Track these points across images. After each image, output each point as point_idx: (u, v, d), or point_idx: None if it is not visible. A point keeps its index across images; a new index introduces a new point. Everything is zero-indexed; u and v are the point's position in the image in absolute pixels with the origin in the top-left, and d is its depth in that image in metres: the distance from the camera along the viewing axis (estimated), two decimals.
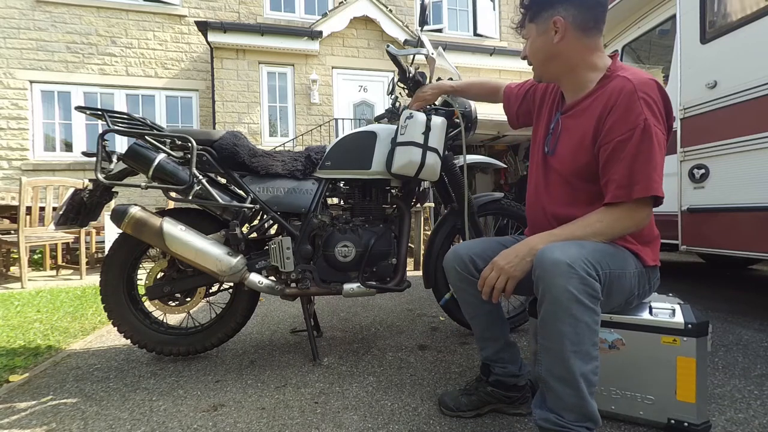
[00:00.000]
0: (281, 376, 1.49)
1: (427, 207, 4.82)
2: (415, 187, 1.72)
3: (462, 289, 1.17)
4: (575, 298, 0.84)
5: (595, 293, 0.86)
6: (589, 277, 0.85)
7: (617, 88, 0.95)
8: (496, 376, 1.18)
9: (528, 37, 1.08)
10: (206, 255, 1.47)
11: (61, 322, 2.29)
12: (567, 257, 0.85)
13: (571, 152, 1.05)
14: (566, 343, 0.85)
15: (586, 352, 0.86)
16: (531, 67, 1.12)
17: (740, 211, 1.98)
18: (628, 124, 0.92)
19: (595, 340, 0.87)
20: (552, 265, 0.86)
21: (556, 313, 0.86)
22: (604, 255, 0.93)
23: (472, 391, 1.20)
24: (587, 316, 0.85)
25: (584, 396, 0.85)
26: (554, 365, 0.88)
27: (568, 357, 0.85)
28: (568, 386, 0.86)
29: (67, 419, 1.22)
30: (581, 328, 0.85)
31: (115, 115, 1.48)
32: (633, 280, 1.01)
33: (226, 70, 6.41)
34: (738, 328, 1.90)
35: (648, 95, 0.92)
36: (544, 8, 1.02)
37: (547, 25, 1.02)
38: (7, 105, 6.23)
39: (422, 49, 1.56)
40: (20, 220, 3.38)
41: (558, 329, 0.86)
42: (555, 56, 1.04)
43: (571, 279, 0.84)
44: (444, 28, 7.98)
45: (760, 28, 1.89)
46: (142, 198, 6.15)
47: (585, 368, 0.85)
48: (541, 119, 1.20)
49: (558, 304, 0.85)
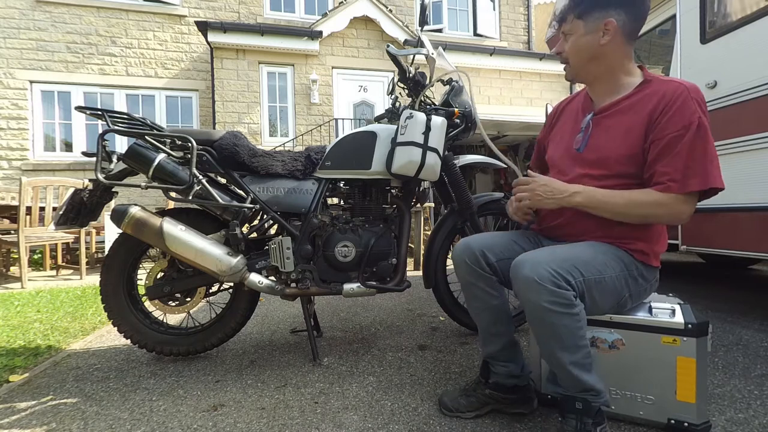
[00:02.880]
0: (281, 376, 1.49)
1: (427, 207, 4.82)
2: (415, 187, 1.72)
3: (471, 283, 1.16)
4: (548, 309, 0.92)
5: (566, 301, 0.92)
6: (558, 288, 0.91)
7: (670, 90, 0.99)
8: (496, 377, 1.17)
9: (572, 32, 1.07)
10: (206, 255, 1.47)
11: (61, 322, 2.29)
12: (535, 274, 0.92)
13: (607, 144, 1.06)
14: (551, 343, 0.95)
15: (573, 345, 0.94)
16: (564, 66, 1.13)
17: (740, 211, 1.98)
18: (683, 121, 0.96)
19: (579, 334, 0.94)
20: (523, 283, 0.94)
21: (533, 321, 0.97)
22: (577, 263, 0.97)
23: (470, 393, 1.19)
24: (564, 319, 0.92)
25: (579, 376, 0.94)
26: (547, 358, 1.01)
27: (555, 352, 0.95)
28: (562, 372, 0.97)
29: (67, 419, 1.22)
30: (561, 331, 0.93)
31: (115, 115, 1.48)
32: (618, 282, 1.02)
33: (226, 70, 6.41)
34: (738, 328, 1.90)
35: (699, 97, 0.98)
36: (598, 8, 1.02)
37: (597, 25, 1.03)
38: (7, 105, 6.23)
39: (422, 49, 1.56)
40: (20, 220, 3.38)
41: (541, 334, 0.97)
42: (598, 57, 1.06)
43: (540, 294, 0.91)
44: (444, 28, 7.98)
45: (760, 28, 1.89)
46: (142, 198, 6.15)
47: (573, 358, 0.94)
48: (561, 128, 1.23)
49: (535, 315, 0.95)
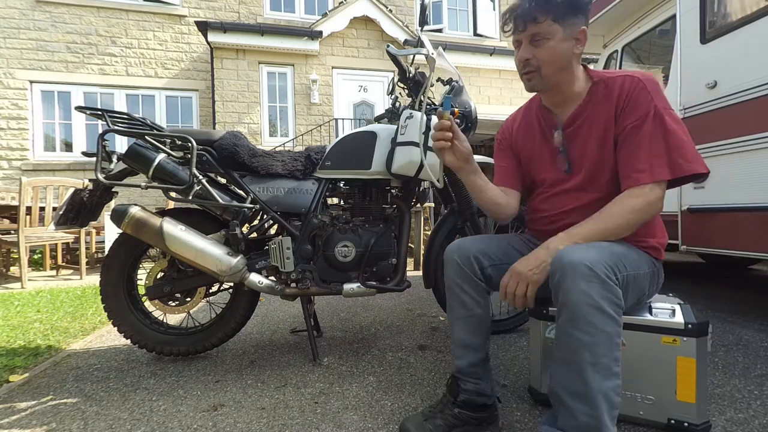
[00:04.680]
0: (281, 376, 1.49)
1: (427, 207, 4.82)
2: (415, 187, 1.72)
3: (458, 285, 1.09)
4: (596, 305, 0.79)
5: (617, 300, 0.81)
6: (610, 281, 0.81)
7: (624, 85, 0.97)
8: (465, 394, 1.06)
9: (548, 37, 0.95)
10: (206, 255, 1.47)
11: (61, 322, 2.29)
12: (587, 260, 0.80)
13: (589, 157, 1.03)
14: (584, 354, 0.79)
15: (606, 367, 0.79)
16: (526, 74, 1.01)
17: (740, 211, 1.98)
18: (639, 112, 0.94)
19: (616, 355, 0.81)
20: (571, 269, 0.81)
21: (574, 321, 0.81)
22: (621, 257, 0.90)
23: (437, 415, 1.06)
24: (608, 325, 0.80)
25: (601, 417, 0.77)
26: (569, 379, 0.81)
27: (585, 369, 0.79)
28: (584, 403, 0.79)
29: (67, 419, 1.22)
30: (601, 338, 0.79)
31: (115, 115, 1.48)
32: (646, 280, 1.00)
33: (226, 70, 6.41)
34: (738, 328, 1.90)
35: (652, 86, 0.96)
36: (572, 13, 0.95)
37: (572, 31, 0.96)
38: (7, 105, 6.23)
39: (422, 49, 1.56)
40: (20, 220, 3.38)
41: (576, 338, 0.80)
42: (568, 66, 1.00)
43: (592, 283, 0.79)
44: (444, 28, 7.97)
45: (760, 28, 1.89)
46: (142, 198, 6.15)
47: (604, 385, 0.78)
48: (531, 150, 1.15)
49: (577, 310, 0.80)
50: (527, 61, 0.99)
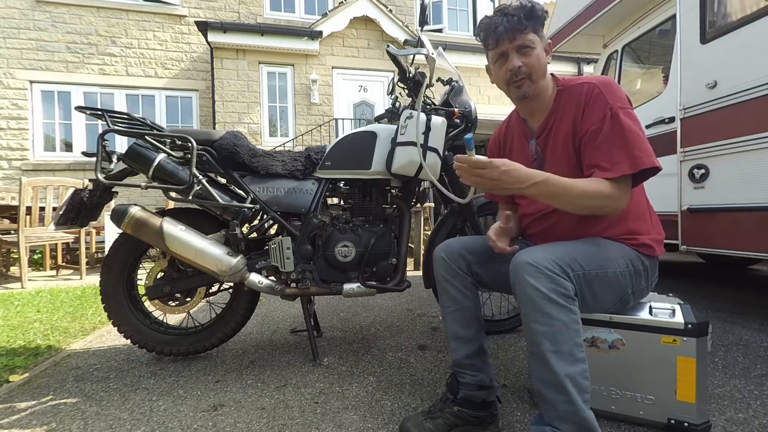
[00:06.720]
0: (281, 376, 1.49)
1: (427, 207, 4.82)
2: (415, 187, 1.72)
3: (446, 280, 1.15)
4: (546, 296, 0.86)
5: (566, 292, 0.88)
6: (556, 275, 0.88)
7: (583, 92, 1.02)
8: (465, 389, 1.09)
9: (534, 46, 1.03)
10: (206, 255, 1.47)
11: (61, 322, 2.29)
12: (533, 260, 0.89)
13: (560, 165, 1.05)
14: (545, 343, 0.86)
15: (568, 353, 0.85)
16: (518, 82, 1.05)
17: (740, 211, 1.98)
18: (597, 115, 0.98)
19: (577, 341, 0.87)
20: (521, 267, 0.90)
21: (530, 314, 0.89)
22: (579, 255, 0.95)
23: (437, 414, 1.09)
24: (562, 314, 0.86)
25: (574, 400, 0.83)
26: (539, 369, 0.88)
27: (548, 358, 0.85)
28: (556, 390, 0.85)
29: (67, 419, 1.22)
30: (558, 327, 0.86)
31: (115, 115, 1.48)
32: (623, 279, 1.01)
33: (226, 70, 6.41)
34: (738, 328, 1.90)
35: (608, 90, 0.99)
36: (542, 27, 1.06)
37: (544, 43, 1.07)
38: (7, 105, 6.23)
39: (422, 49, 1.56)
40: (20, 220, 3.38)
41: (535, 330, 0.87)
42: (546, 74, 1.08)
43: (539, 278, 0.87)
44: (444, 28, 7.97)
45: (760, 28, 1.89)
46: (142, 198, 6.15)
47: (570, 370, 0.85)
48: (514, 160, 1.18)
49: (531, 303, 0.88)
50: (519, 69, 1.04)
